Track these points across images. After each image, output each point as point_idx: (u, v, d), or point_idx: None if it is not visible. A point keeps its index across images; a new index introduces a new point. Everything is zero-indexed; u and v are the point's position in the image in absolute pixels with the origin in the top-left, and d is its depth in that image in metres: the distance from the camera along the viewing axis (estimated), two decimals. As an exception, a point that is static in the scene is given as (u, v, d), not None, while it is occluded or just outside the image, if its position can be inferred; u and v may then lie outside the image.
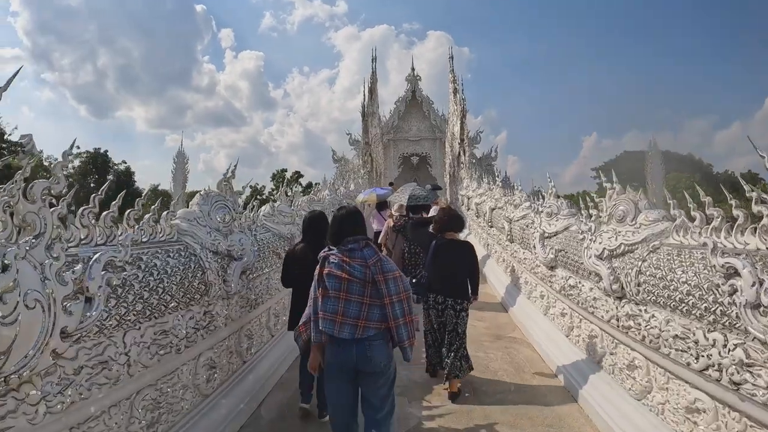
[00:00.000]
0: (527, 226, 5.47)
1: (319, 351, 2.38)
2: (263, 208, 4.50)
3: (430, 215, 6.27)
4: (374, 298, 2.25)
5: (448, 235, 3.85)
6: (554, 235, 4.42)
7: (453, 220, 3.91)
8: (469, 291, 3.81)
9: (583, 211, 4.22)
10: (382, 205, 9.11)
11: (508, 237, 6.30)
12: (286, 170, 44.56)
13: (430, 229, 4.14)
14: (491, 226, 7.94)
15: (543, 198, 5.84)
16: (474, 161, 16.04)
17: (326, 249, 2.40)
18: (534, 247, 4.78)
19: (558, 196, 4.84)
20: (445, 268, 3.70)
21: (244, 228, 3.39)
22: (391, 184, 13.73)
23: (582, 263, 3.69)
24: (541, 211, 4.85)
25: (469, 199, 10.90)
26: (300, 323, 2.56)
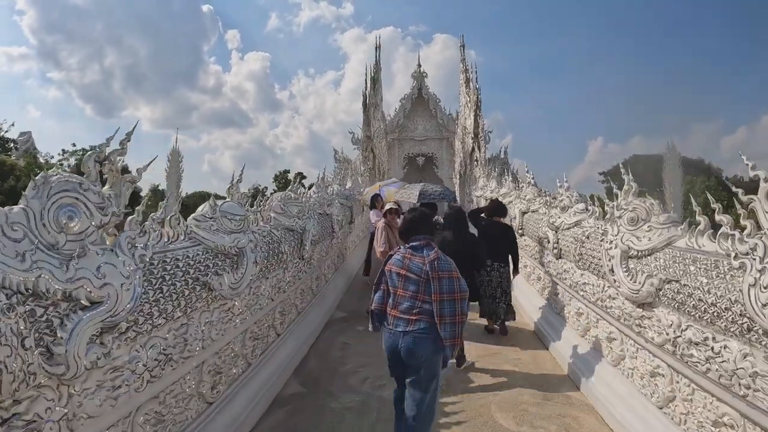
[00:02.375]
0: (587, 237, 3.85)
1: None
2: (201, 207, 2.94)
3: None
4: (427, 294, 2.40)
5: (495, 219, 5.26)
6: (650, 254, 2.82)
7: (498, 207, 5.38)
8: (511, 267, 5.16)
9: (699, 217, 2.63)
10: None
11: (555, 251, 4.67)
12: (288, 171, 43.04)
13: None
14: (521, 234, 6.31)
15: (596, 199, 4.29)
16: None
17: (397, 248, 2.67)
18: (611, 270, 3.16)
19: (642, 195, 3.25)
20: (491, 240, 4.94)
21: (119, 245, 1.81)
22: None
23: (725, 308, 2.10)
24: (619, 216, 3.24)
25: (487, 200, 9.24)
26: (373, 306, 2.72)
